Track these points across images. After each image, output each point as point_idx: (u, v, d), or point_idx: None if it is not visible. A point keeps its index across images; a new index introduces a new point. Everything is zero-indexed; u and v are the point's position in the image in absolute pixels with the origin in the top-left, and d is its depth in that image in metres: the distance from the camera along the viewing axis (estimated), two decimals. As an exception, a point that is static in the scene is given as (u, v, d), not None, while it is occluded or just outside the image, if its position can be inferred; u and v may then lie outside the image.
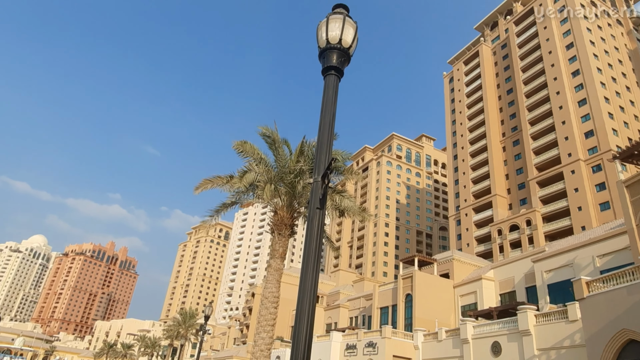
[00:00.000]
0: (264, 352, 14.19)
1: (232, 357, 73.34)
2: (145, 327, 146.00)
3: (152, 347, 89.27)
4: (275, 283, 15.25)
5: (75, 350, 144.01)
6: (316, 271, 3.66)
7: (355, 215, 18.44)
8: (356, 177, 21.40)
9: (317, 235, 3.76)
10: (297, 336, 3.53)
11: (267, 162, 17.69)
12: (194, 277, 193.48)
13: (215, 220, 18.99)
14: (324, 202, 4.02)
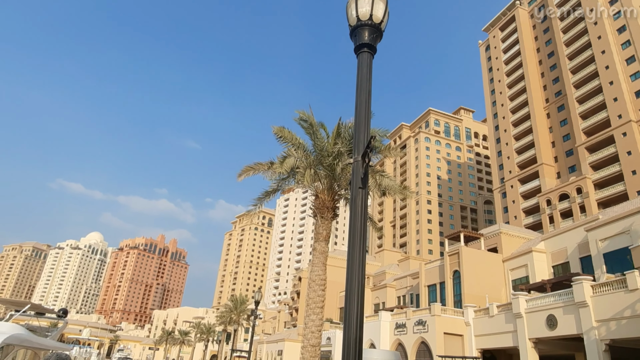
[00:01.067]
0: (314, 333, 14.46)
1: (283, 340, 75.36)
2: (199, 314, 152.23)
3: (207, 333, 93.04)
4: (322, 266, 15.43)
5: (137, 339, 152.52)
6: (363, 250, 3.66)
7: (396, 194, 18.26)
8: (395, 155, 21.14)
9: (361, 214, 3.75)
10: (349, 316, 3.56)
11: (305, 147, 17.76)
12: (241, 265, 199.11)
13: (259, 208, 19.34)
14: (366, 181, 3.99)
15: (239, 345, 74.15)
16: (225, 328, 72.11)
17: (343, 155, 16.13)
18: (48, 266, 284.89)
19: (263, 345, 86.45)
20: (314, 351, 14.16)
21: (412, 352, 43.99)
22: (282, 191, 20.79)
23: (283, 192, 21.19)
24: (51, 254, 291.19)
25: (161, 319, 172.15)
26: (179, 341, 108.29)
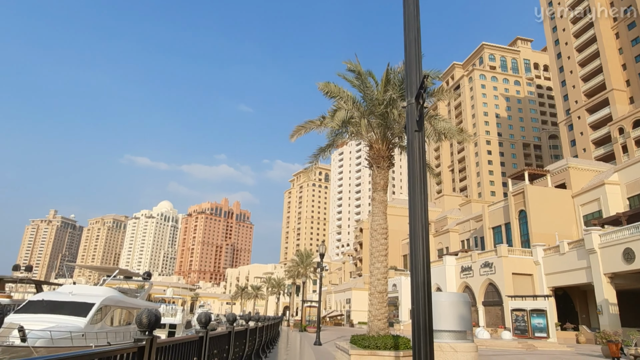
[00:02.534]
0: (380, 281, 14.77)
1: (350, 289, 77.84)
2: (268, 270, 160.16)
3: (277, 287, 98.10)
4: (382, 215, 15.50)
5: (214, 295, 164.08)
6: (424, 194, 3.62)
7: (453, 137, 17.65)
8: (448, 98, 20.27)
9: (419, 157, 3.68)
10: (415, 260, 3.58)
11: (354, 98, 17.45)
12: (303, 221, 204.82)
13: (315, 165, 19.53)
14: (422, 123, 3.88)
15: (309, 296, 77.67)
16: (294, 281, 75.54)
17: (395, 101, 15.69)
18: (128, 235, 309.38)
19: (331, 295, 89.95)
20: (381, 297, 14.53)
21: (479, 294, 43.93)
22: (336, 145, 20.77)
23: (337, 147, 21.17)
24: (129, 224, 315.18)
25: (234, 276, 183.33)
26: (253, 295, 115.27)
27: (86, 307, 22.61)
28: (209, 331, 5.91)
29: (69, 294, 23.97)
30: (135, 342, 3.64)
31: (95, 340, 21.30)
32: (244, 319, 10.55)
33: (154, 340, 3.82)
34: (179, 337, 5.06)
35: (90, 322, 22.30)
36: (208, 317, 5.88)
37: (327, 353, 19.27)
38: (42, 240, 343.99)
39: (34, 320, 18.86)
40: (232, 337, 7.84)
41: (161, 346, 4.13)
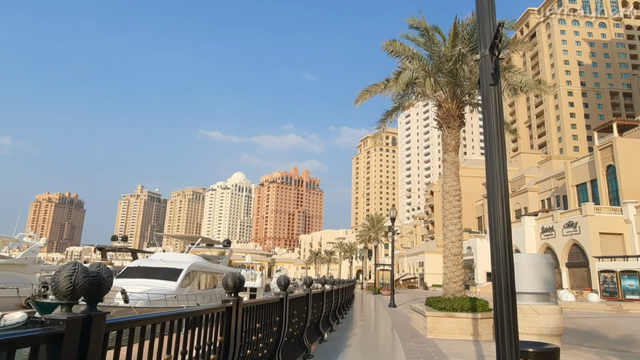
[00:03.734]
0: (455, 243, 14.49)
1: (423, 252, 77.27)
2: (339, 235, 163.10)
3: (350, 251, 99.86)
4: (454, 176, 15.02)
5: (289, 260, 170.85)
6: (502, 151, 3.43)
7: (530, 90, 16.43)
8: (523, 48, 18.71)
9: (496, 113, 3.48)
10: (494, 220, 3.45)
11: (420, 57, 16.72)
12: (372, 186, 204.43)
13: (382, 130, 19.23)
14: (497, 76, 3.64)
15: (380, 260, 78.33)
16: (365, 245, 76.38)
17: (464, 56, 14.83)
18: (207, 206, 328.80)
19: (404, 259, 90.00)
20: (456, 260, 14.29)
21: (562, 255, 41.66)
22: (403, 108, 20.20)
23: (403, 109, 20.56)
24: (207, 196, 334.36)
25: (307, 242, 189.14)
26: (326, 260, 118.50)
27: (176, 272, 24.67)
28: (288, 293, 6.20)
29: (160, 261, 26.24)
30: (223, 302, 3.92)
31: (185, 302, 23.26)
32: (319, 282, 10.92)
33: (240, 302, 4.09)
34: (261, 298, 5.37)
35: (180, 285, 24.32)
36: (287, 280, 6.17)
37: (402, 315, 19.49)
38: (133, 213, 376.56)
39: (133, 284, 20.97)
40: (309, 299, 8.17)
41: (246, 307, 4.42)
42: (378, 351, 10.30)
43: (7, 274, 30.66)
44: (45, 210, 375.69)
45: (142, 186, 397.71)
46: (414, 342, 11.08)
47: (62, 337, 1.91)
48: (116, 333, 2.40)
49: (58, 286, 2.03)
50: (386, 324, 16.17)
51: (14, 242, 36.89)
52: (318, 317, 9.78)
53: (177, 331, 3.06)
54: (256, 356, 4.96)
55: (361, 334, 12.70)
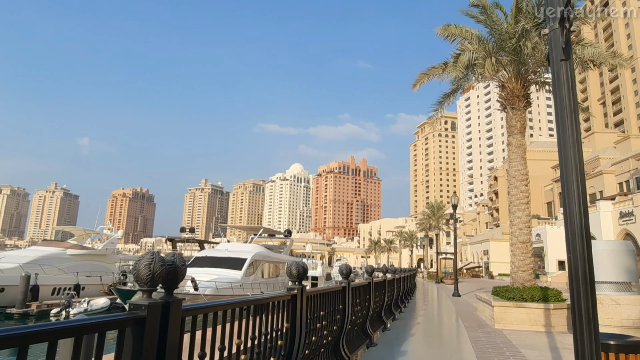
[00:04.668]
0: (522, 230, 13.82)
1: (487, 240, 74.51)
2: (399, 223, 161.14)
3: (409, 240, 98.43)
4: (520, 160, 14.27)
5: (349, 249, 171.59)
6: (576, 130, 3.20)
7: (604, 63, 15.16)
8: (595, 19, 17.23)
9: (568, 90, 3.25)
10: (568, 205, 3.25)
11: (479, 36, 15.97)
12: (431, 173, 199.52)
13: (440, 113, 18.67)
14: (569, 50, 3.39)
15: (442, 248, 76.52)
16: (426, 234, 74.90)
17: (528, 33, 13.96)
18: (267, 197, 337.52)
19: (467, 247, 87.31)
20: (524, 248, 13.64)
21: (645, 242, 38.44)
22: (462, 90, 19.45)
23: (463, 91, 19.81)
24: (267, 187, 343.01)
25: (366, 231, 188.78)
26: (386, 249, 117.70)
27: (240, 262, 25.63)
28: (350, 282, 6.24)
29: (225, 251, 27.38)
30: (288, 290, 4.02)
31: (250, 290, 24.12)
32: (380, 271, 10.88)
33: (304, 290, 4.18)
34: (324, 287, 5.44)
35: (245, 274, 25.25)
36: (349, 269, 6.20)
37: (467, 304, 18.98)
38: (198, 205, 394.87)
39: (201, 273, 22.07)
40: (371, 288, 8.17)
41: (310, 295, 4.50)
42: (443, 341, 10.11)
43: (91, 263, 33.43)
44: (121, 204, 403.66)
45: (205, 180, 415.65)
46: (481, 332, 10.75)
47: (144, 321, 2.06)
48: (192, 318, 2.54)
49: (139, 274, 2.18)
50: (450, 313, 15.82)
51: (96, 234, 40.05)
52: (380, 306, 9.76)
53: (245, 317, 3.18)
54: (321, 343, 5.05)
55: (425, 323, 12.53)
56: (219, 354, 2.85)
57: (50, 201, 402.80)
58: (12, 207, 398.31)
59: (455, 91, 18.03)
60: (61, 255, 31.63)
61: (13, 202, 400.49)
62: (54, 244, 34.88)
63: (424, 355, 8.14)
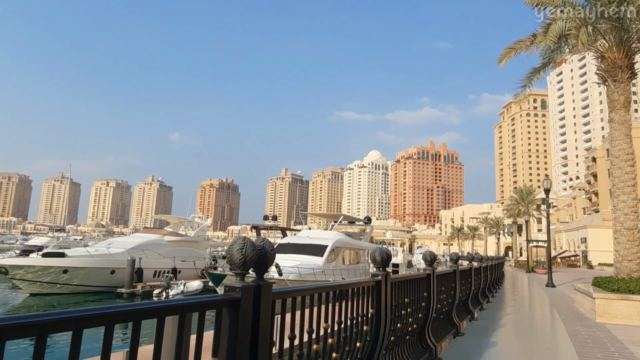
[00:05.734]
0: (628, 216, 12.49)
1: (585, 226, 68.54)
2: (483, 210, 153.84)
3: (496, 227, 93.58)
4: (624, 138, 12.86)
5: (430, 236, 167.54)
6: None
7: None
8: None
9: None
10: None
11: (573, 3, 14.55)
12: (518, 155, 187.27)
13: (528, 90, 17.40)
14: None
15: (533, 236, 71.74)
16: (514, 220, 70.69)
17: (634, -6, 12.45)
18: (345, 185, 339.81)
19: (561, 234, 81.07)
20: (630, 235, 12.34)
21: None
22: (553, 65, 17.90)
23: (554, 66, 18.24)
24: (345, 175, 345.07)
25: (448, 217, 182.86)
26: (470, 236, 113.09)
27: (322, 248, 26.16)
28: (435, 269, 6.09)
29: (307, 238, 28.10)
30: (373, 277, 4.02)
31: (332, 276, 24.56)
32: (466, 259, 10.50)
33: (388, 276, 4.15)
34: (408, 273, 5.37)
35: (326, 260, 25.74)
36: (433, 256, 6.05)
37: (563, 295, 17.69)
38: (280, 194, 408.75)
39: (285, 259, 22.88)
40: (457, 276, 7.91)
41: (394, 281, 4.46)
42: (536, 333, 9.52)
43: (185, 249, 36.16)
44: (209, 194, 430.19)
45: (286, 169, 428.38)
46: (580, 325, 9.96)
47: (239, 303, 2.18)
48: (281, 301, 2.64)
49: (232, 258, 2.31)
50: (544, 304, 14.85)
51: (188, 222, 43.21)
52: (467, 295, 9.43)
53: (332, 302, 3.24)
54: (406, 330, 5.00)
55: (515, 314, 11.89)
56: (307, 336, 2.94)
57: (148, 192, 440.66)
58: (117, 198, 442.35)
59: (546, 65, 16.67)
60: (160, 241, 34.60)
61: (118, 194, 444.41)
62: (154, 231, 38.23)
63: (515, 347, 7.74)
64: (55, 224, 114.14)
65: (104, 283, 29.17)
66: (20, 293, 28.00)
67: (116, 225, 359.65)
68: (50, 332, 1.41)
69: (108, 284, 29.17)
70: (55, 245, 46.51)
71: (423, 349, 5.71)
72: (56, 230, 75.33)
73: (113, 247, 31.96)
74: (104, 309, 1.56)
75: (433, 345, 5.84)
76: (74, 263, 28.43)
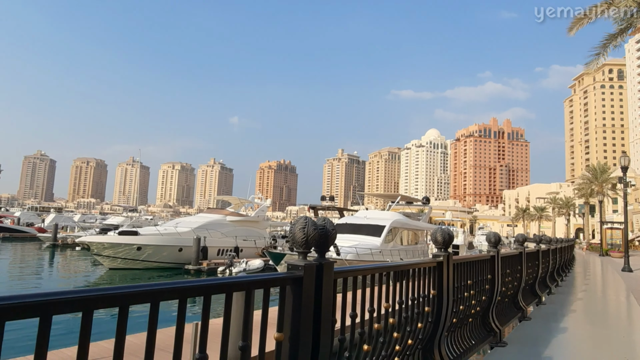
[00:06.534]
0: None
1: (668, 207, 62.90)
2: (551, 189, 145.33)
3: (565, 207, 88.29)
4: None
5: (493, 217, 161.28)
6: None
7: None
8: None
9: None
10: None
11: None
12: (591, 131, 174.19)
13: (603, 59, 16.05)
14: None
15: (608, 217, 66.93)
16: (586, 200, 66.30)
17: None
18: (403, 165, 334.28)
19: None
20: None
21: None
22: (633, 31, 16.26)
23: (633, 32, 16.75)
24: (402, 155, 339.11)
25: (512, 197, 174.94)
26: (536, 217, 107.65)
27: (379, 229, 26.06)
28: (499, 251, 5.87)
29: (364, 218, 28.09)
30: (434, 257, 3.95)
31: (389, 257, 24.45)
32: (533, 240, 10.02)
33: (450, 257, 4.05)
34: (471, 255, 5.22)
35: (384, 241, 25.64)
36: (497, 237, 5.82)
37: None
38: (336, 175, 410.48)
39: (342, 239, 23.06)
40: (523, 258, 7.58)
41: (456, 262, 4.35)
42: (610, 319, 8.95)
43: (246, 228, 37.48)
44: (267, 176, 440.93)
45: (342, 150, 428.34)
46: (662, 313, 9.24)
47: (301, 280, 2.23)
48: (342, 280, 2.66)
49: (294, 237, 2.35)
50: (620, 290, 13.91)
51: (249, 203, 44.62)
52: (533, 278, 9.03)
53: (392, 282, 3.22)
54: (469, 312, 4.89)
55: (587, 299, 11.23)
56: (368, 315, 2.95)
57: (210, 174, 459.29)
58: (182, 180, 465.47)
59: (624, 31, 15.22)
60: (222, 221, 36.09)
61: (183, 176, 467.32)
62: (217, 211, 39.91)
63: (587, 334, 7.33)
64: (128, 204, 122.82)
65: (173, 260, 31.02)
66: (101, 268, 30.48)
67: (182, 206, 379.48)
68: (131, 304, 1.52)
69: (176, 261, 30.98)
70: (129, 224, 50.01)
71: (487, 332, 5.56)
72: (129, 211, 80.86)
73: (180, 227, 33.79)
74: (179, 283, 1.66)
75: (497, 329, 5.67)
76: (146, 241, 30.43)
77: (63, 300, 1.33)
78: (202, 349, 1.76)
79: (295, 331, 2.19)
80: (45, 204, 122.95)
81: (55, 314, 1.31)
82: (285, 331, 2.18)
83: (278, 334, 2.14)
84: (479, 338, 5.27)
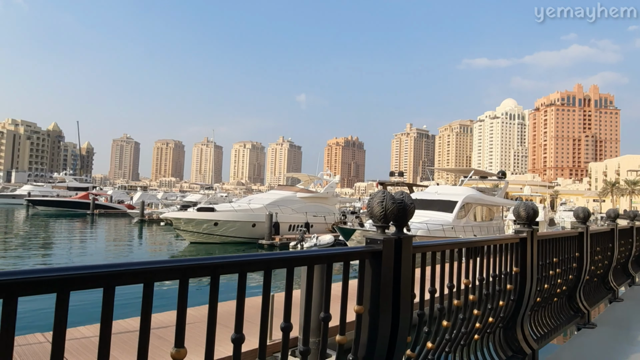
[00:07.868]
0: None
1: None
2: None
3: (663, 180, 79.88)
4: None
5: (577, 192, 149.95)
6: None
7: None
8: None
9: None
10: None
11: None
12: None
13: None
14: None
15: None
16: (689, 172, 59.36)
17: None
18: (475, 138, 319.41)
19: None
20: None
21: None
22: None
23: None
24: (475, 127, 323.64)
25: (599, 171, 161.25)
26: (628, 191, 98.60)
27: (451, 204, 25.30)
28: (588, 227, 5.45)
29: (435, 194, 27.38)
30: (517, 233, 3.75)
31: (462, 233, 23.73)
32: (627, 216, 9.20)
33: (534, 233, 3.83)
34: (557, 231, 4.90)
35: (456, 217, 24.90)
36: (587, 212, 5.40)
37: None
38: (405, 150, 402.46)
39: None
40: (615, 235, 6.98)
41: (541, 239, 4.11)
42: None
43: (316, 205, 38.14)
44: (335, 152, 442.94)
45: (410, 124, 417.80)
46: None
47: (380, 254, 2.21)
48: (421, 255, 2.61)
49: (373, 211, 2.33)
50: None
51: (318, 179, 45.25)
52: (626, 257, 8.32)
53: (473, 258, 3.11)
54: (554, 292, 4.63)
55: (690, 281, 10.15)
56: (448, 291, 2.89)
57: (280, 152, 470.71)
58: (254, 158, 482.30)
59: None
60: (293, 197, 37.00)
61: (254, 155, 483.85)
62: (287, 188, 40.95)
63: (691, 318, 6.64)
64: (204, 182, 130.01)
65: (247, 235, 32.48)
66: (183, 242, 32.74)
67: (254, 184, 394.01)
68: (220, 274, 1.59)
69: (250, 236, 32.42)
70: (206, 201, 52.92)
71: (573, 312, 5.24)
72: (206, 188, 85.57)
73: (253, 203, 35.17)
74: (264, 255, 1.72)
75: (585, 310, 5.33)
76: (222, 217, 32.09)
77: (164, 268, 1.43)
78: (286, 318, 1.82)
79: (375, 304, 2.20)
80: (132, 183, 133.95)
81: (156, 281, 1.42)
82: (365, 304, 2.19)
83: (358, 307, 2.16)
84: (565, 318, 4.98)
